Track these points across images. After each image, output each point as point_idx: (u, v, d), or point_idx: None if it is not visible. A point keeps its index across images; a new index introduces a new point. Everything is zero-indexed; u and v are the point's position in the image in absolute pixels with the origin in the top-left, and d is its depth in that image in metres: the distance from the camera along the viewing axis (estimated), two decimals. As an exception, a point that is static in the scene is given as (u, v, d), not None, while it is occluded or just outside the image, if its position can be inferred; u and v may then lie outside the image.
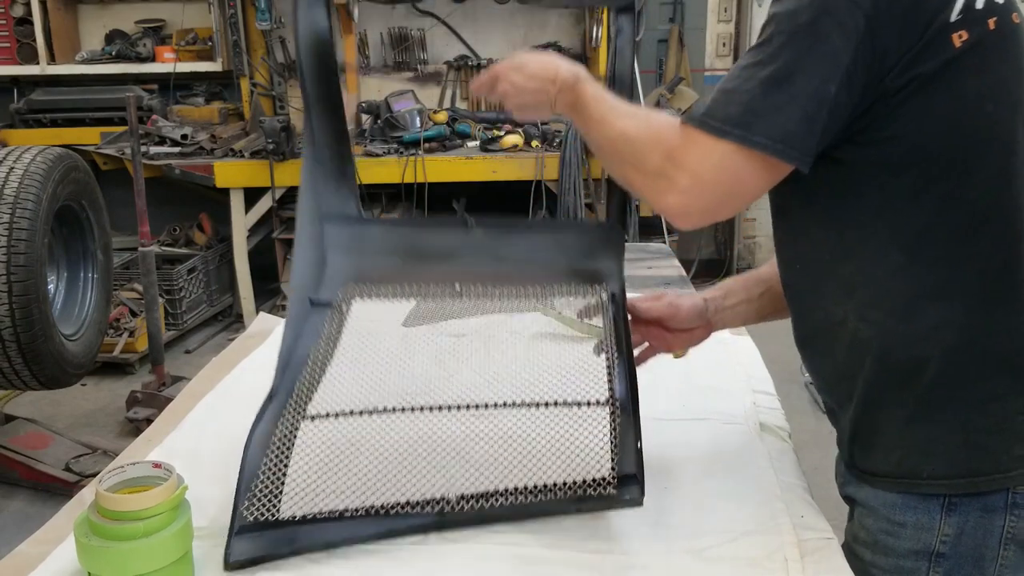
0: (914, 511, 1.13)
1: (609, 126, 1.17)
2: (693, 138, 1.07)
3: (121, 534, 0.99)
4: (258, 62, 5.27)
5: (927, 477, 1.12)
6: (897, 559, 1.15)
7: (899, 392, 1.11)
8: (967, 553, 1.12)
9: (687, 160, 1.07)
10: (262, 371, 1.66)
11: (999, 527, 1.11)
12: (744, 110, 1.04)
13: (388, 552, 1.12)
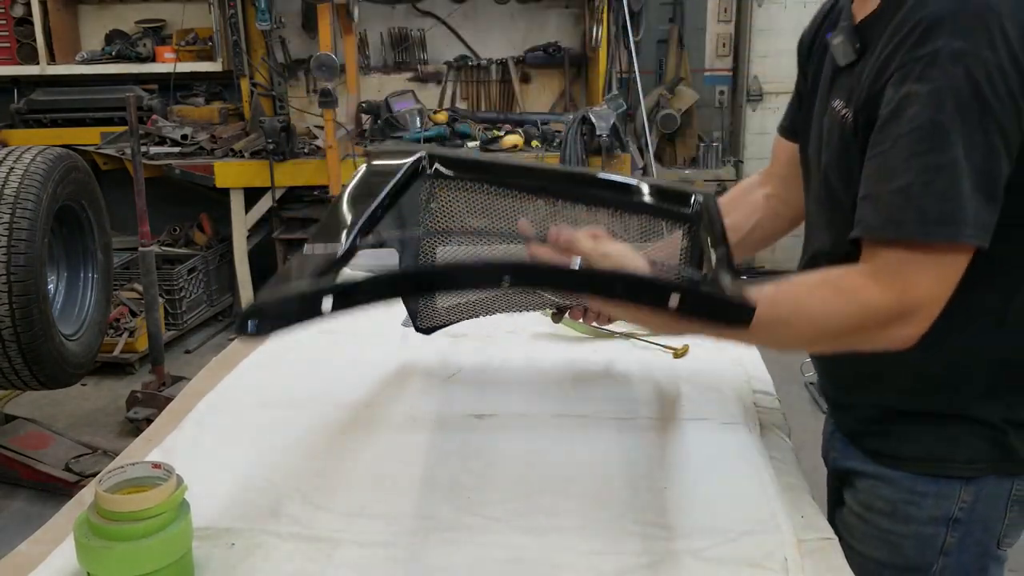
0: (936, 482, 1.20)
1: (796, 325, 1.07)
2: (907, 264, 1.02)
3: (121, 534, 0.99)
4: (258, 62, 5.27)
5: (955, 462, 1.19)
6: (918, 526, 1.22)
7: (935, 401, 1.19)
8: (979, 517, 1.21)
9: (920, 294, 1.02)
10: (262, 371, 1.67)
11: (1007, 490, 1.21)
12: (942, 203, 0.99)
13: (389, 551, 1.12)
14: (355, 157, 4.66)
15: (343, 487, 1.25)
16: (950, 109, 0.99)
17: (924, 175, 1.00)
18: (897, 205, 1.01)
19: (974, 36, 1.00)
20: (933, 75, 1.00)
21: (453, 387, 1.59)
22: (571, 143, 4.55)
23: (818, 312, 1.06)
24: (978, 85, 0.99)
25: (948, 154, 0.99)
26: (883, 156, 1.04)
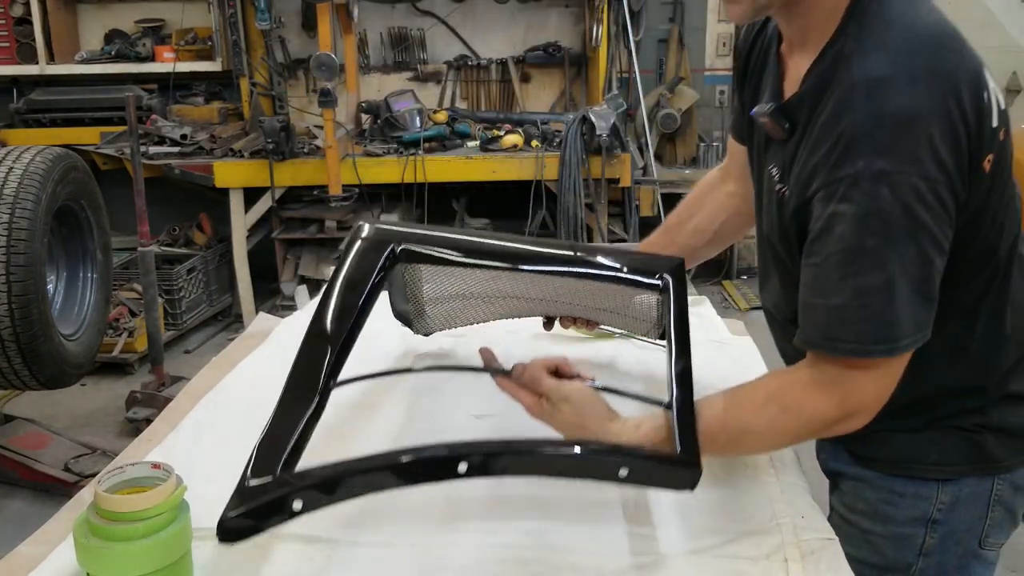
0: (913, 483, 1.23)
1: (748, 443, 1.15)
2: (844, 377, 1.06)
3: (120, 535, 0.99)
4: (258, 62, 5.27)
5: (931, 463, 1.21)
6: (896, 526, 1.24)
7: (911, 415, 1.19)
8: (959, 518, 1.23)
9: (860, 399, 1.07)
10: (262, 371, 1.67)
11: (987, 491, 1.22)
12: (878, 325, 1.02)
13: (388, 551, 1.12)
14: (355, 157, 4.66)
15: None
16: (878, 231, 0.99)
17: (857, 298, 1.01)
18: (834, 324, 1.04)
19: (894, 152, 0.98)
20: (857, 197, 0.99)
21: (453, 387, 1.58)
22: (571, 143, 4.55)
23: (766, 431, 1.12)
24: (905, 204, 0.98)
25: (880, 275, 1.00)
26: (817, 270, 1.05)
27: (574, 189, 4.56)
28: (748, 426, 1.12)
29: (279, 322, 1.99)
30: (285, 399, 1.11)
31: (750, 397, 1.12)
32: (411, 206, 4.81)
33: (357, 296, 1.25)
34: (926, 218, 0.99)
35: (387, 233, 1.38)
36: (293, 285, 4.80)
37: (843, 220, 1.01)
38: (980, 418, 1.20)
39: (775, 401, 1.10)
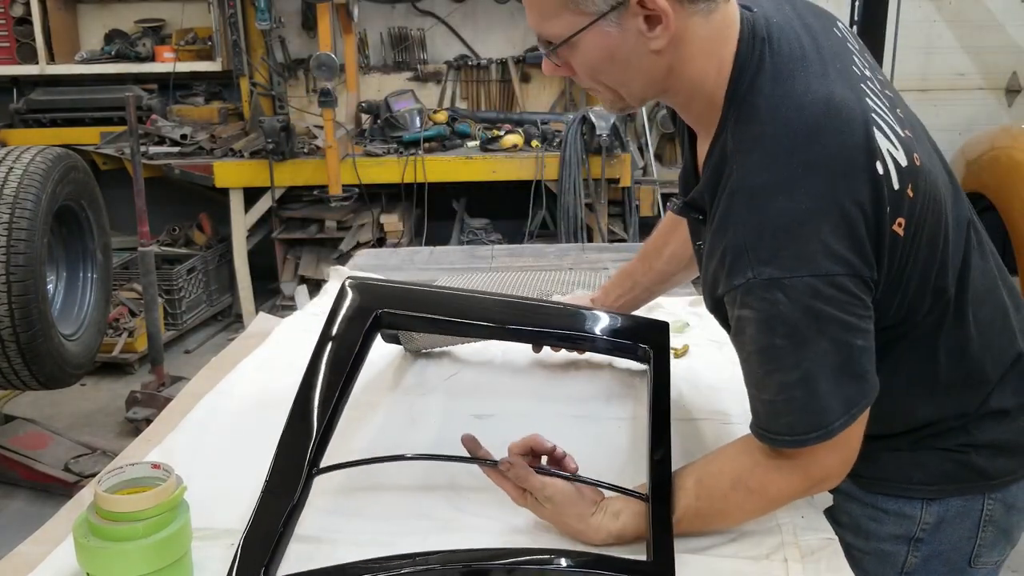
0: (897, 501, 1.21)
1: (721, 525, 1.15)
2: (799, 457, 1.07)
3: (120, 535, 0.99)
4: (258, 62, 5.27)
5: (917, 483, 1.19)
6: (878, 543, 1.22)
7: (889, 421, 1.17)
8: (945, 538, 1.20)
9: (823, 471, 1.09)
10: (262, 371, 1.67)
11: (977, 511, 1.19)
12: (804, 415, 1.02)
13: (388, 551, 1.12)
14: (355, 157, 4.66)
15: (342, 487, 1.25)
16: (783, 333, 0.99)
17: (782, 393, 1.02)
18: (769, 417, 1.05)
19: (781, 258, 0.97)
20: (755, 304, 0.99)
21: (453, 387, 1.58)
22: (571, 143, 4.55)
23: (738, 513, 1.14)
24: (804, 305, 0.97)
25: (795, 372, 1.00)
26: (745, 365, 1.07)
27: (574, 189, 4.56)
28: (719, 511, 1.13)
29: (279, 322, 1.99)
30: (268, 489, 1.13)
31: (718, 484, 1.12)
32: (411, 206, 4.80)
33: (339, 373, 1.26)
34: (831, 311, 0.98)
35: (370, 298, 1.38)
36: (293, 285, 4.79)
37: (749, 324, 1.01)
38: (965, 437, 1.17)
39: (741, 486, 1.11)
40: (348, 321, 1.34)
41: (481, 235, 4.94)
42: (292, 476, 1.14)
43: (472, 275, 2.27)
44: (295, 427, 1.20)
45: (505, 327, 1.43)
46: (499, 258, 2.61)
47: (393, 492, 1.25)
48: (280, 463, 1.16)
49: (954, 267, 1.11)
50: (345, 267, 2.33)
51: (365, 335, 1.32)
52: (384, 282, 1.50)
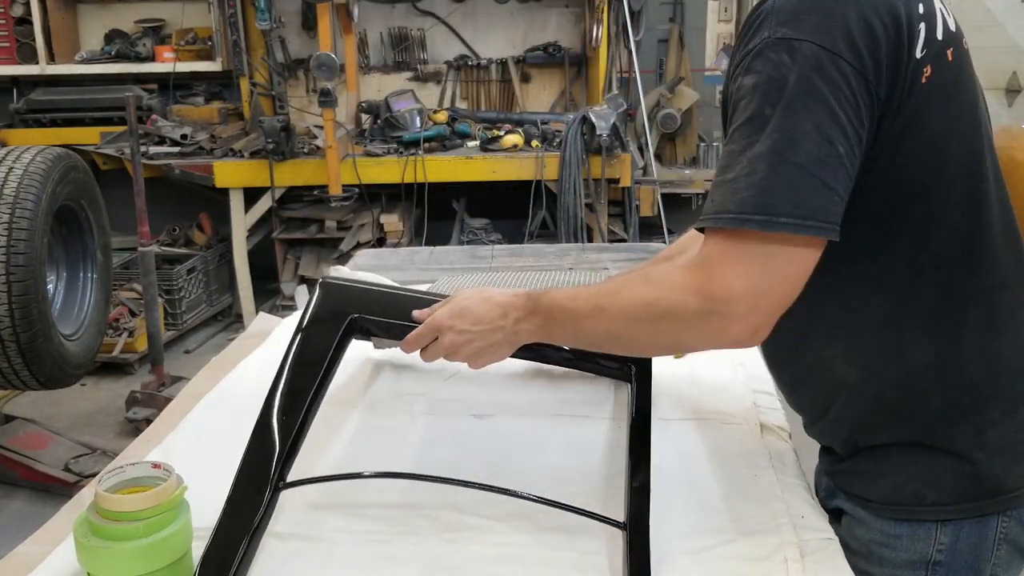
0: (909, 524, 1.13)
1: (610, 311, 1.06)
2: (715, 255, 0.98)
3: (120, 534, 0.99)
4: (258, 62, 5.27)
5: (931, 504, 1.12)
6: (893, 570, 1.15)
7: (897, 430, 1.12)
8: (962, 558, 1.13)
9: (726, 285, 0.97)
10: (262, 371, 1.66)
11: (992, 529, 1.12)
12: (758, 192, 0.95)
13: (388, 552, 1.12)
14: (355, 157, 4.66)
15: (343, 487, 1.25)
16: (774, 100, 0.96)
17: (748, 167, 0.96)
18: (726, 198, 0.98)
19: (801, 23, 0.97)
20: (758, 66, 0.98)
21: (453, 387, 1.58)
22: (571, 143, 4.55)
23: (627, 298, 1.05)
24: (802, 72, 0.95)
25: (767, 142, 0.96)
26: (726, 149, 1.02)
27: (574, 189, 4.56)
28: (613, 292, 1.07)
29: (279, 322, 1.99)
30: (232, 501, 1.08)
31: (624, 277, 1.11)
32: (411, 206, 4.80)
33: (310, 381, 1.20)
34: (826, 93, 0.95)
35: (344, 302, 1.33)
36: (293, 285, 4.80)
37: (746, 92, 0.99)
38: (976, 436, 1.10)
39: (643, 274, 1.08)
40: (320, 326, 1.29)
41: (481, 235, 4.94)
42: (255, 492, 1.08)
43: (472, 275, 2.27)
44: (260, 439, 1.14)
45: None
46: (499, 258, 2.61)
47: (394, 492, 1.24)
48: (243, 478, 1.10)
49: (964, 192, 1.06)
50: (345, 267, 2.33)
51: (338, 341, 1.27)
52: (359, 284, 1.44)
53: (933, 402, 1.10)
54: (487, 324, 1.16)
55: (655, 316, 1.02)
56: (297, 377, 1.22)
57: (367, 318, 1.32)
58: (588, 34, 5.19)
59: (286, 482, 1.12)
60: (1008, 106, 5.51)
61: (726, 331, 0.99)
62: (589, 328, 1.09)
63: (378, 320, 1.33)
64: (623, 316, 1.05)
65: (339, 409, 1.47)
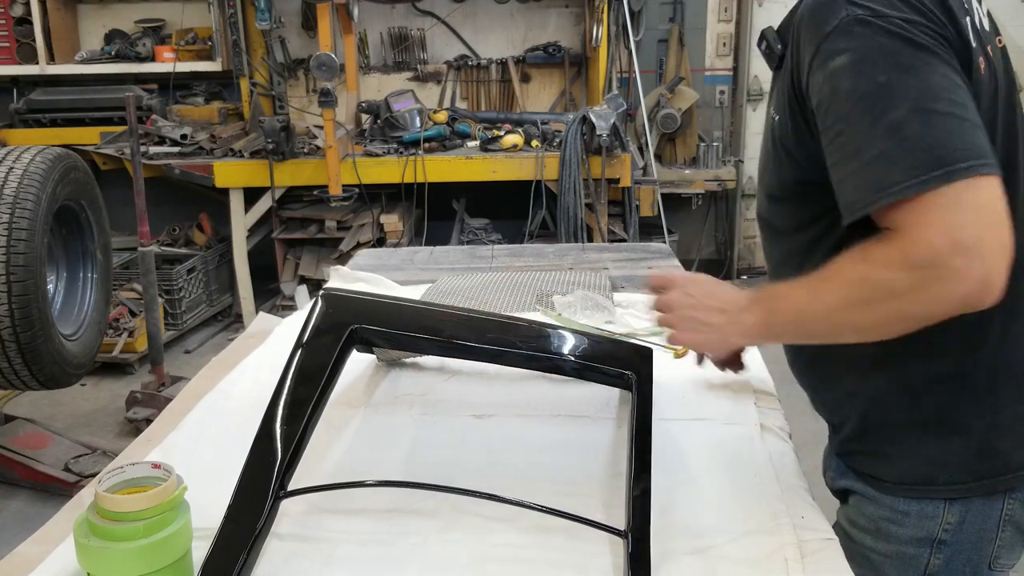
0: (918, 502, 1.16)
1: (826, 296, 1.02)
2: (907, 223, 0.93)
3: (120, 535, 0.99)
4: (258, 62, 5.27)
5: (942, 483, 1.15)
6: (899, 545, 1.19)
7: (911, 409, 1.14)
8: (967, 538, 1.16)
9: (929, 247, 0.92)
10: (262, 371, 1.67)
11: (997, 510, 1.16)
12: (924, 149, 0.92)
13: (388, 552, 1.12)
14: (355, 157, 4.66)
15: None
16: (885, 66, 0.95)
17: (892, 137, 0.94)
18: (879, 174, 0.94)
19: (868, 2, 0.97)
20: (848, 44, 0.97)
21: (453, 387, 1.58)
22: (571, 143, 4.55)
23: (838, 281, 1.01)
24: (900, 35, 0.96)
25: (905, 104, 0.94)
26: (840, 136, 0.99)
27: (574, 189, 4.56)
28: (825, 273, 1.02)
29: (279, 322, 1.99)
30: (233, 510, 1.08)
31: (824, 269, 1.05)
32: (411, 206, 4.80)
33: (311, 391, 1.20)
34: (927, 42, 0.95)
35: (345, 313, 1.33)
36: (293, 285, 4.80)
37: (844, 73, 0.97)
38: (991, 416, 1.12)
39: (859, 251, 1.00)
40: (321, 336, 1.29)
41: (481, 235, 4.95)
42: (256, 501, 1.08)
43: (472, 275, 2.27)
44: (262, 448, 1.14)
45: (486, 348, 1.35)
46: (499, 258, 2.61)
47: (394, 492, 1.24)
48: (244, 486, 1.10)
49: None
50: (345, 267, 2.33)
51: (339, 352, 1.27)
52: (360, 295, 1.45)
53: (949, 382, 1.12)
54: (714, 301, 1.17)
55: (868, 297, 0.98)
56: (298, 386, 1.22)
57: (368, 328, 1.32)
58: (588, 34, 5.19)
59: (287, 491, 1.12)
60: (1008, 106, 5.50)
61: (954, 292, 0.93)
62: (809, 317, 1.06)
63: (379, 330, 1.34)
64: (838, 302, 1.01)
65: (340, 410, 1.47)
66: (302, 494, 1.14)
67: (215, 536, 1.05)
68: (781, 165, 1.15)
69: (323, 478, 1.26)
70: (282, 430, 1.16)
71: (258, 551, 1.07)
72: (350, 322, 1.30)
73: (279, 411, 1.18)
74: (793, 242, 1.21)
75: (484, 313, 1.46)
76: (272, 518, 1.10)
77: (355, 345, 1.34)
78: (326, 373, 1.23)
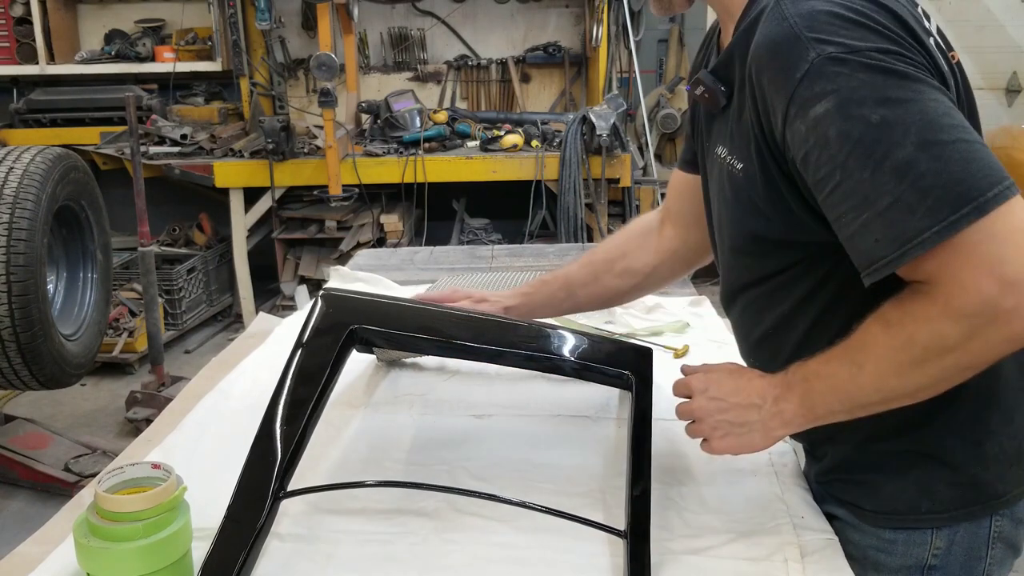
0: (905, 530, 1.13)
1: (867, 367, 0.95)
2: (943, 273, 0.87)
3: (120, 535, 0.99)
4: (258, 62, 5.27)
5: (925, 512, 1.12)
6: (889, 574, 1.14)
7: (896, 443, 1.11)
8: (957, 560, 1.13)
9: (976, 292, 0.85)
10: (262, 371, 1.67)
11: (986, 529, 1.13)
12: (946, 187, 0.84)
13: (388, 552, 1.12)
14: (355, 157, 4.67)
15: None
16: (871, 103, 0.87)
17: (905, 178, 0.86)
18: (898, 224, 0.87)
19: (839, 37, 0.89)
20: (828, 87, 0.88)
21: (453, 387, 1.58)
22: (571, 143, 4.55)
23: (878, 350, 0.95)
24: (879, 67, 0.88)
25: (909, 138, 0.86)
26: (841, 189, 0.90)
27: (574, 189, 4.56)
28: (855, 344, 0.97)
29: (279, 322, 1.99)
30: (233, 510, 1.08)
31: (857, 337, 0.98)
32: (411, 206, 4.81)
33: (311, 391, 1.20)
34: (911, 72, 0.88)
35: (345, 313, 1.32)
36: (293, 285, 4.80)
37: (830, 119, 0.88)
38: (974, 449, 1.09)
39: (878, 319, 0.94)
40: (321, 336, 1.29)
41: (481, 235, 4.95)
42: (256, 501, 1.08)
43: (472, 275, 2.27)
44: (261, 448, 1.14)
45: (486, 348, 1.35)
46: (499, 258, 2.61)
47: (394, 492, 1.24)
48: (244, 487, 1.10)
49: None
50: (345, 267, 2.33)
51: (339, 352, 1.27)
52: (360, 295, 1.44)
53: (935, 416, 1.08)
54: (741, 397, 1.07)
55: (920, 358, 0.92)
56: (298, 386, 1.21)
57: (368, 328, 1.32)
58: (588, 34, 5.19)
59: (287, 491, 1.12)
60: (1008, 106, 5.51)
61: (1012, 333, 0.87)
62: (855, 391, 0.98)
63: (379, 330, 1.34)
64: (885, 369, 0.95)
65: (340, 410, 1.47)
66: (302, 494, 1.14)
67: (215, 536, 1.05)
68: (746, 217, 1.08)
69: (323, 478, 1.26)
70: (282, 430, 1.16)
71: (258, 551, 1.07)
72: (350, 322, 1.30)
73: (279, 411, 1.18)
74: (776, 298, 1.14)
75: (484, 313, 1.45)
76: (272, 518, 1.10)
77: (355, 345, 1.34)
78: (326, 373, 1.23)
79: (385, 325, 1.34)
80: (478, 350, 1.35)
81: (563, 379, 1.55)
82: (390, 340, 1.39)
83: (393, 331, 1.34)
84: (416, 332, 1.36)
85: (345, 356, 1.29)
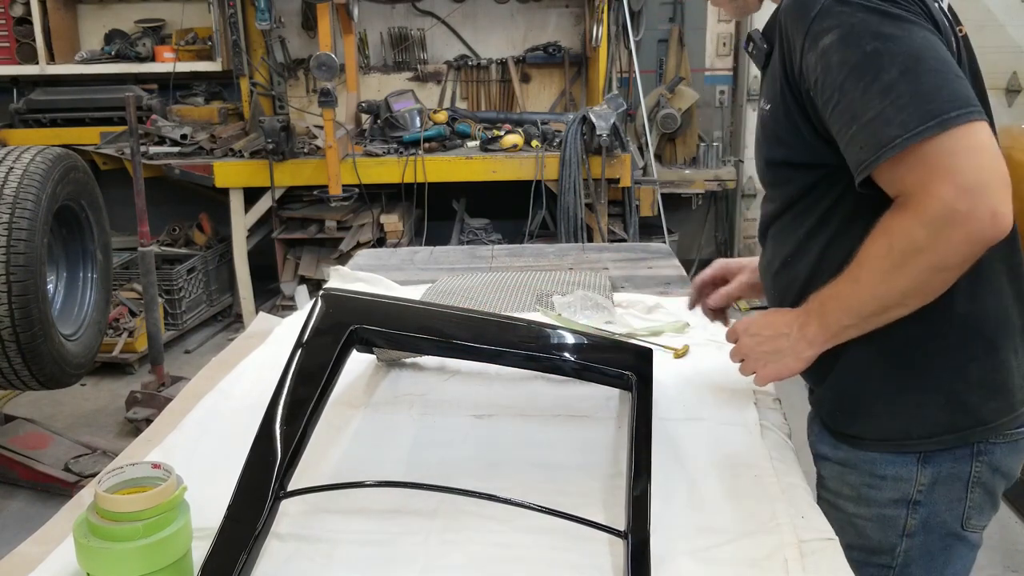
0: (893, 465, 1.27)
1: (862, 279, 1.13)
2: (908, 180, 1.05)
3: (120, 535, 0.99)
4: (258, 62, 5.27)
5: (915, 438, 1.24)
6: (879, 508, 1.29)
7: (887, 367, 1.24)
8: (939, 499, 1.27)
9: (935, 197, 1.03)
10: (262, 371, 1.67)
11: (966, 473, 1.26)
12: (916, 105, 1.02)
13: (388, 552, 1.12)
14: (355, 157, 4.67)
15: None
16: (869, 36, 1.06)
17: (885, 98, 1.04)
18: (878, 134, 1.05)
19: None
20: (834, 23, 1.08)
21: (453, 387, 1.58)
22: (571, 143, 4.55)
23: (867, 261, 1.12)
24: (876, 8, 1.06)
25: (894, 66, 1.04)
26: (839, 105, 1.09)
27: (574, 189, 4.56)
28: (856, 260, 1.14)
29: (279, 322, 1.99)
30: (233, 510, 1.08)
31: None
32: (411, 206, 4.81)
33: (311, 391, 1.20)
34: (906, 15, 1.06)
35: (345, 313, 1.33)
36: (293, 285, 4.80)
37: (833, 49, 1.08)
38: (956, 375, 1.22)
39: (874, 231, 1.12)
40: (321, 336, 1.29)
41: (481, 235, 4.95)
42: (256, 501, 1.08)
43: (472, 275, 2.27)
44: (261, 448, 1.14)
45: (485, 348, 1.36)
46: (499, 258, 2.61)
47: (394, 492, 1.24)
48: (244, 487, 1.10)
49: None
50: (345, 267, 2.33)
51: (339, 352, 1.27)
52: (360, 295, 1.44)
53: (923, 343, 1.21)
54: (773, 329, 1.26)
55: (899, 262, 1.08)
56: (298, 386, 1.22)
57: (368, 328, 1.32)
58: (588, 34, 5.19)
59: (287, 491, 1.12)
60: (1008, 106, 5.51)
61: (969, 233, 1.03)
62: (856, 303, 1.15)
63: (379, 330, 1.34)
64: (875, 278, 1.11)
65: (340, 410, 1.47)
66: (302, 494, 1.14)
67: (215, 536, 1.05)
68: (771, 148, 1.29)
69: (323, 478, 1.26)
70: (282, 430, 1.16)
71: (258, 551, 1.07)
72: (350, 322, 1.30)
73: (279, 411, 1.18)
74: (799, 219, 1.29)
75: (484, 313, 1.46)
76: (272, 518, 1.10)
77: (355, 345, 1.34)
78: (326, 373, 1.23)
79: (385, 325, 1.34)
80: (478, 350, 1.36)
81: (563, 379, 1.55)
82: (390, 340, 1.39)
83: (393, 331, 1.35)
84: (416, 332, 1.36)
85: (345, 356, 1.30)
